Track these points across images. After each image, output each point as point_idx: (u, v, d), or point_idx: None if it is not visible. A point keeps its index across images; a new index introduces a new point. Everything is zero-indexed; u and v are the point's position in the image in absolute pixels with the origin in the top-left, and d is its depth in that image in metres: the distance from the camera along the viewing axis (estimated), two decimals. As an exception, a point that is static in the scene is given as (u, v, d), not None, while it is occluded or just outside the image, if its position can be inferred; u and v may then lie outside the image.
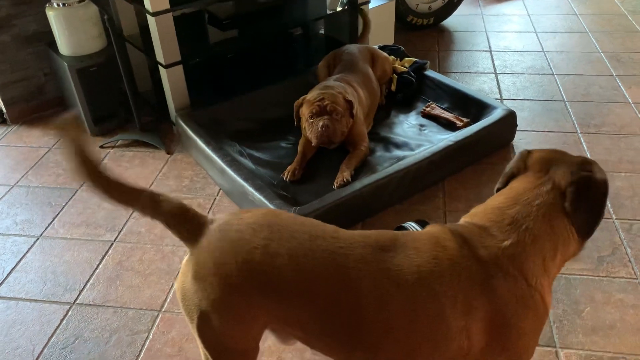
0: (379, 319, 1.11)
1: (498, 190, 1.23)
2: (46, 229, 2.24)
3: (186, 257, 1.22)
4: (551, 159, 1.19)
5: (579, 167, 1.15)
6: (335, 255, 1.14)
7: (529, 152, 1.24)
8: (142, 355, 1.72)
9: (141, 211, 1.21)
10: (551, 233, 1.13)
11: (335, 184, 2.20)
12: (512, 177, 1.22)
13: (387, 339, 1.12)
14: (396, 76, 2.81)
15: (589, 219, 1.14)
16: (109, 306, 1.89)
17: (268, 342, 1.70)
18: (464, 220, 1.22)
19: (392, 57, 2.91)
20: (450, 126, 2.56)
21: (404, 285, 1.11)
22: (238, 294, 1.14)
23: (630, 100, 2.86)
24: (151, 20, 2.40)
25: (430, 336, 1.11)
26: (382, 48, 2.98)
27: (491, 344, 1.12)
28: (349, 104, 2.31)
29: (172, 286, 1.94)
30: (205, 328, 1.19)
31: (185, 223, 1.21)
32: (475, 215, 1.20)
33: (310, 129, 2.31)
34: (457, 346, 1.11)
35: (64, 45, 2.64)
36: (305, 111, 2.32)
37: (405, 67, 2.86)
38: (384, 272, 1.12)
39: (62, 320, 1.85)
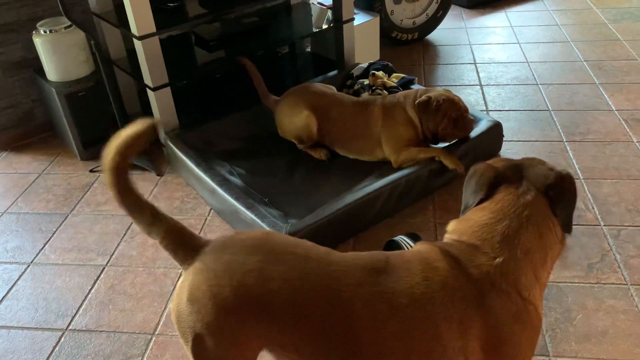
0: (373, 342, 1.11)
1: (481, 201, 1.21)
2: (37, 255, 2.23)
3: (181, 279, 1.22)
4: (515, 165, 1.22)
5: (547, 168, 1.19)
6: (328, 279, 1.14)
7: (487, 164, 1.25)
8: (136, 379, 1.71)
9: (140, 224, 1.22)
10: (540, 242, 1.14)
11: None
12: (491, 186, 1.21)
13: None
14: (386, 92, 2.84)
15: (570, 212, 1.17)
16: (102, 331, 1.88)
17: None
18: (449, 238, 1.21)
19: (381, 72, 2.95)
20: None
21: (397, 308, 1.11)
22: (232, 317, 1.15)
23: (613, 108, 2.91)
24: (138, 44, 2.43)
25: (426, 358, 1.11)
26: (369, 65, 3.02)
27: None
28: None
29: (165, 309, 1.94)
30: (200, 350, 1.19)
31: (181, 244, 1.22)
32: (463, 233, 1.19)
33: (457, 127, 2.34)
34: None
35: (52, 71, 2.65)
36: (448, 109, 2.31)
37: (394, 82, 2.89)
38: (376, 295, 1.12)
39: (54, 347, 1.83)
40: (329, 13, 3.10)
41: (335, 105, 2.49)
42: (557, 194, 1.16)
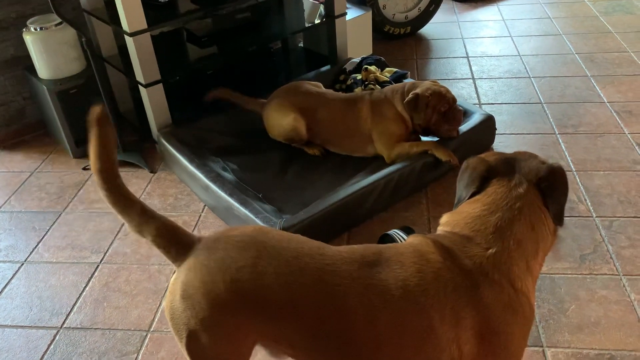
0: (368, 336, 1.12)
1: (474, 194, 1.22)
2: (31, 253, 2.22)
3: (174, 276, 1.22)
4: (508, 159, 1.23)
5: (538, 161, 1.20)
6: (322, 273, 1.14)
7: (479, 158, 1.25)
8: (132, 376, 1.71)
9: (130, 222, 1.21)
10: (532, 234, 1.15)
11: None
12: (485, 178, 1.22)
13: (377, 354, 1.13)
14: (379, 87, 2.84)
15: (561, 205, 1.18)
16: (97, 328, 1.88)
17: (259, 355, 1.70)
18: (442, 230, 1.22)
19: (374, 66, 2.95)
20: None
21: (391, 301, 1.11)
22: (226, 312, 1.15)
23: (605, 100, 2.92)
24: (129, 40, 2.41)
25: (420, 349, 1.11)
26: (362, 59, 3.02)
27: (482, 352, 1.13)
28: None
29: (159, 305, 1.94)
30: (195, 346, 1.19)
31: (174, 241, 1.21)
32: (455, 225, 1.19)
33: (446, 119, 2.34)
34: (448, 357, 1.11)
35: (43, 68, 2.64)
36: (437, 103, 2.30)
37: (387, 77, 2.89)
38: (370, 289, 1.13)
39: (49, 345, 1.83)
40: (321, 8, 3.10)
41: (323, 105, 2.48)
42: (549, 186, 1.17)
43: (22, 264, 2.17)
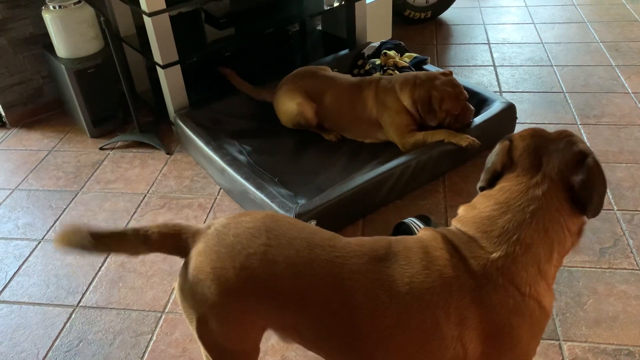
0: (373, 330, 1.11)
1: (482, 189, 1.17)
2: (48, 232, 2.24)
3: (184, 260, 1.22)
4: (538, 148, 1.14)
5: (576, 154, 1.11)
6: (331, 265, 1.14)
7: (511, 142, 1.17)
8: (146, 356, 1.72)
9: (132, 252, 1.19)
10: (545, 238, 1.09)
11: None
12: (497, 174, 1.16)
13: (381, 349, 1.12)
14: (398, 72, 2.80)
15: (600, 199, 1.10)
16: (112, 308, 1.89)
17: (271, 340, 1.70)
18: (454, 225, 1.18)
19: (393, 51, 2.91)
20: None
21: (397, 297, 1.10)
22: (235, 299, 1.15)
23: (629, 90, 2.86)
24: (147, 20, 2.40)
25: (424, 346, 1.10)
26: (381, 44, 2.98)
27: (487, 351, 1.11)
28: None
29: (174, 287, 1.95)
30: (205, 331, 1.20)
31: (180, 241, 1.21)
32: (465, 223, 1.16)
33: (457, 119, 2.32)
34: (452, 355, 1.10)
35: (61, 47, 2.63)
36: (451, 107, 2.28)
37: (406, 62, 2.85)
38: (377, 284, 1.12)
39: (65, 323, 1.85)
40: (341, -10, 3.05)
41: (331, 89, 2.46)
42: (584, 185, 1.08)
43: (39, 242, 2.19)
